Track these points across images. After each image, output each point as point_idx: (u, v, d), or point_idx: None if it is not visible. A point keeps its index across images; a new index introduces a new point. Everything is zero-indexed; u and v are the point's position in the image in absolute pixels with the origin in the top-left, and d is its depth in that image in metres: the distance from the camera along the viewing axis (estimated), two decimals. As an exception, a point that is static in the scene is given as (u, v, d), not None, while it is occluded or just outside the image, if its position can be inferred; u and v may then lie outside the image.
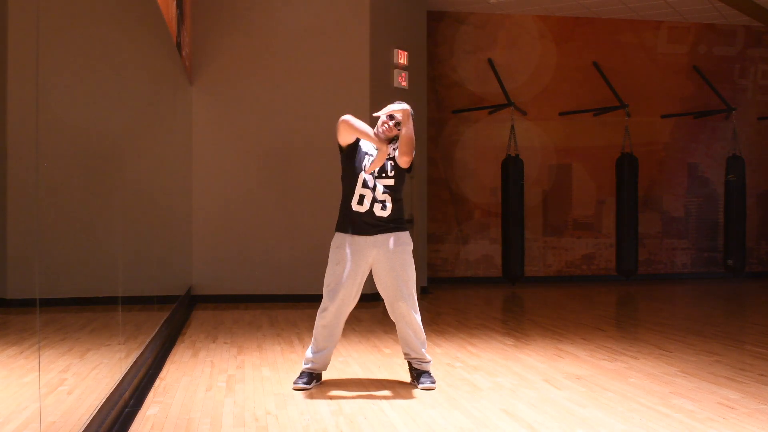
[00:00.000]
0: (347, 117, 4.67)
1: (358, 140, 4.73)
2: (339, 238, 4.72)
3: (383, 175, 4.67)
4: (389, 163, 4.69)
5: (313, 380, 4.73)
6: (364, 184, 4.65)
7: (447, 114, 11.40)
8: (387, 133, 4.65)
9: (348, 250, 4.65)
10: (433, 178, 11.07)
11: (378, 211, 4.64)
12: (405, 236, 4.73)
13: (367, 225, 4.64)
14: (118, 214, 4.48)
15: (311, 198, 9.01)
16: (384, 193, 4.65)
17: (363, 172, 4.66)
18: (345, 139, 4.70)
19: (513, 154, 10.80)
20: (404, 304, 4.67)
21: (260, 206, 9.05)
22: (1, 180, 2.97)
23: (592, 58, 11.72)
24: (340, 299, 4.65)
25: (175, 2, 6.71)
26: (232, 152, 9.05)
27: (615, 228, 11.24)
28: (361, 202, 4.64)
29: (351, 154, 4.71)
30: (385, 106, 4.78)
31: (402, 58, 9.54)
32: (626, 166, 11.01)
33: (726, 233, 11.50)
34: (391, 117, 4.65)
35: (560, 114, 11.63)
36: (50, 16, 3.21)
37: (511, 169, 10.69)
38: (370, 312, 8.02)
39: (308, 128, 9.05)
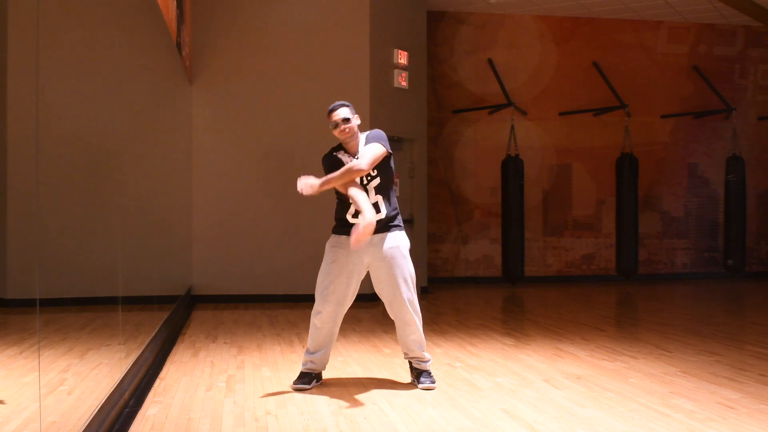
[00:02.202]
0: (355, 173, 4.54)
1: (340, 159, 4.69)
2: (334, 238, 4.71)
3: (368, 177, 4.61)
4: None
5: (312, 380, 4.72)
6: None
7: (447, 114, 11.39)
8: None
9: (344, 250, 4.62)
10: (433, 178, 11.07)
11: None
12: (401, 235, 4.68)
13: None
14: (118, 214, 4.48)
15: (311, 197, 8.97)
16: (376, 194, 4.63)
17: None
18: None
19: (513, 154, 10.80)
20: (402, 305, 4.63)
21: (260, 206, 9.05)
22: (1, 180, 2.97)
23: (592, 58, 11.72)
24: (335, 301, 4.63)
25: (175, 2, 6.72)
26: (232, 152, 9.05)
27: (615, 228, 11.24)
28: (356, 215, 4.61)
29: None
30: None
31: (402, 58, 9.54)
32: (626, 166, 11.02)
33: (726, 233, 11.51)
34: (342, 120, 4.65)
35: (560, 114, 11.63)
36: (50, 16, 3.21)
37: (511, 169, 10.69)
38: (370, 312, 8.02)
39: (308, 128, 9.05)
